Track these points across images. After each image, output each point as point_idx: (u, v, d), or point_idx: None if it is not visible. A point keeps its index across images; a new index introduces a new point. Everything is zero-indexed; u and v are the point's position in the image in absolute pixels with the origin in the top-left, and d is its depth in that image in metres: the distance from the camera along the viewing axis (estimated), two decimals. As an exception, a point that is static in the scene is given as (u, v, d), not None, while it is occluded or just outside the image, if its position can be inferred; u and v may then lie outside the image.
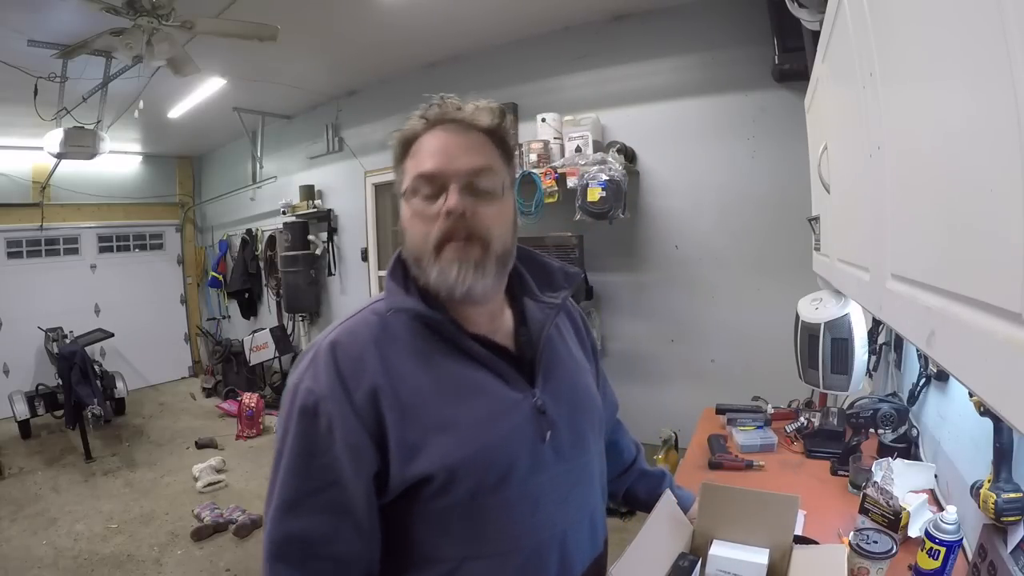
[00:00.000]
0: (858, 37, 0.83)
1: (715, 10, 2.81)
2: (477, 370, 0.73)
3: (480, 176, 0.72)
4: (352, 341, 0.72)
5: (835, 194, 1.21)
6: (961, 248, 0.49)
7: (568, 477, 0.77)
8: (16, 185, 5.28)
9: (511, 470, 0.71)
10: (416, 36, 3.35)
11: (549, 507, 0.74)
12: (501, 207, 0.74)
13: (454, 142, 0.73)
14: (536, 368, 0.77)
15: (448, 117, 0.75)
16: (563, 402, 0.78)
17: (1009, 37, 0.36)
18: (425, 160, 0.73)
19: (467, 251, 0.71)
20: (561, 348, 0.84)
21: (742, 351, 2.86)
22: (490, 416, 0.72)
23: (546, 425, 0.75)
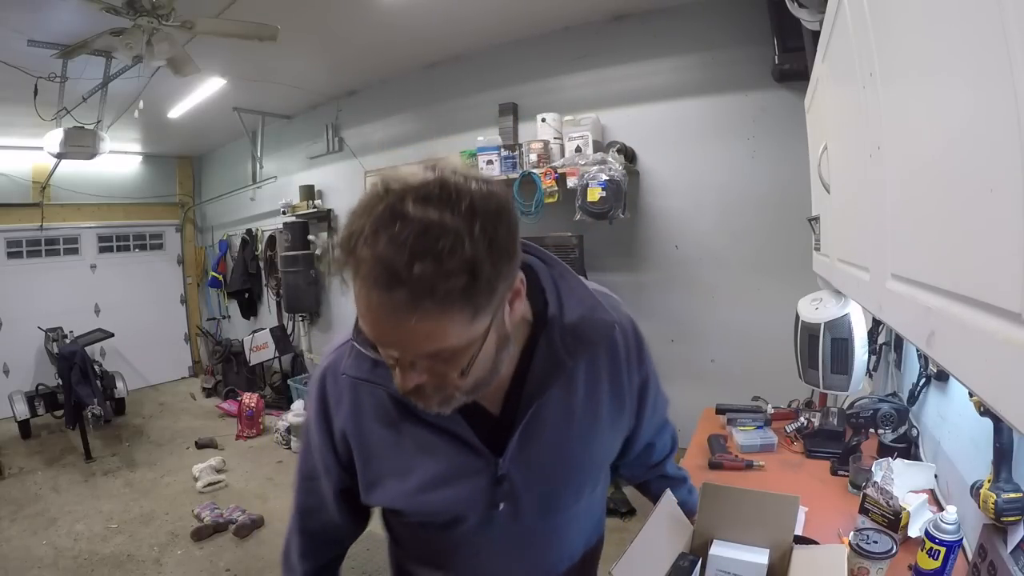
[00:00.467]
0: (858, 37, 0.83)
1: (715, 10, 2.81)
2: (436, 434, 0.70)
3: (436, 356, 0.57)
4: (335, 382, 0.74)
5: (835, 194, 1.21)
6: (961, 248, 0.49)
7: (523, 540, 0.77)
8: (16, 185, 5.28)
9: (456, 523, 0.75)
10: (416, 36, 3.35)
11: (495, 559, 0.78)
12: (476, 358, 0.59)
13: (392, 324, 0.53)
14: (511, 438, 0.71)
15: (374, 276, 0.51)
16: (536, 471, 0.73)
17: (1009, 37, 0.36)
18: (364, 321, 0.57)
19: (430, 401, 0.63)
20: (559, 411, 0.73)
21: (742, 351, 2.86)
22: (440, 478, 0.72)
23: (502, 495, 0.73)
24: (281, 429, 4.31)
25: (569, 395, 0.74)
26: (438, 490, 0.72)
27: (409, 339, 0.54)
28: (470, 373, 0.60)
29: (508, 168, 3.18)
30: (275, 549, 2.82)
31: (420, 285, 0.49)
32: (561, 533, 0.81)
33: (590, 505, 0.85)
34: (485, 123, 3.56)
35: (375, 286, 0.51)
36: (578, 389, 0.75)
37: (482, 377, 0.63)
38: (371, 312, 0.54)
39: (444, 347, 0.56)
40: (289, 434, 4.22)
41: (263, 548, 2.86)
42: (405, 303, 0.50)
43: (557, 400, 0.73)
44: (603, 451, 0.82)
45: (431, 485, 0.72)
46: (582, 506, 0.82)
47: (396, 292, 0.50)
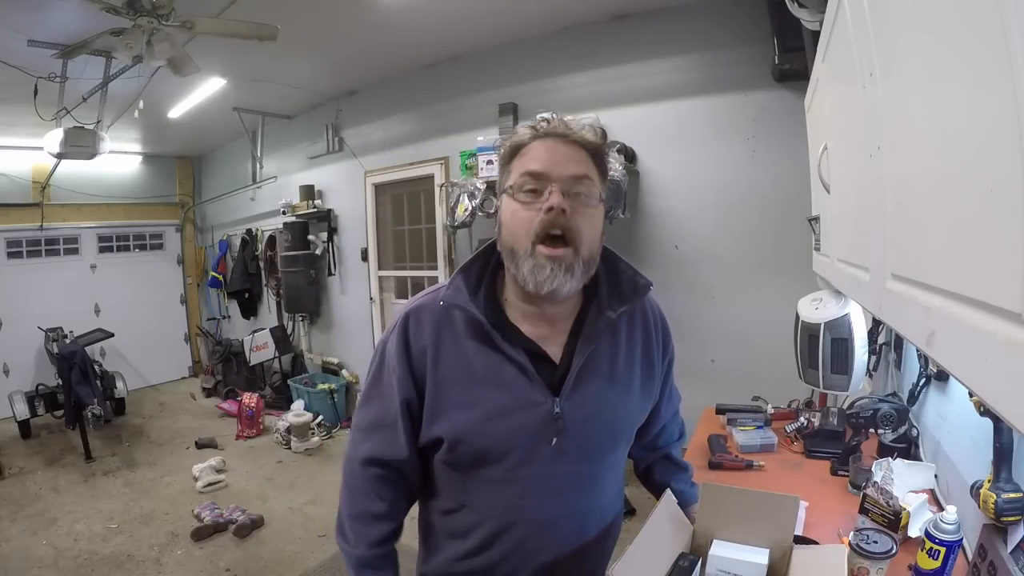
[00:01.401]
0: (858, 37, 0.83)
1: (715, 10, 2.81)
2: (509, 367, 0.83)
3: (580, 183, 0.81)
4: (418, 318, 0.87)
5: (835, 194, 1.21)
6: (961, 248, 0.49)
7: (564, 481, 0.86)
8: (16, 185, 5.28)
9: (506, 456, 0.83)
10: (416, 36, 3.35)
11: (539, 497, 0.86)
12: (594, 214, 0.84)
13: (560, 151, 0.81)
14: (567, 379, 0.84)
15: (557, 131, 0.82)
16: (584, 414, 0.85)
17: (1009, 37, 0.36)
18: (533, 161, 0.81)
19: (560, 257, 0.79)
20: (605, 363, 0.88)
21: (742, 351, 2.86)
22: (504, 408, 0.82)
23: (556, 430, 0.83)
24: (281, 429, 4.31)
25: (614, 348, 0.90)
26: (502, 419, 0.82)
27: (570, 159, 0.81)
28: (586, 232, 0.81)
29: (508, 168, 3.18)
30: (275, 549, 2.84)
31: (578, 136, 0.83)
32: (596, 482, 0.90)
33: (616, 465, 0.94)
34: (485, 123, 3.57)
35: (557, 141, 0.82)
36: (620, 344, 0.90)
37: (590, 249, 0.83)
38: (549, 151, 0.81)
39: (588, 173, 0.82)
40: (289, 434, 4.22)
41: (263, 548, 2.86)
42: (575, 141, 0.83)
43: (605, 350, 0.88)
44: (633, 408, 0.93)
45: (496, 414, 0.82)
46: (613, 460, 0.92)
47: (572, 144, 0.82)
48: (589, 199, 0.82)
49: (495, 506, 0.86)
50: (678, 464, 1.13)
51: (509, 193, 0.83)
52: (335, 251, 4.84)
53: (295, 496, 3.44)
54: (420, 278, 4.33)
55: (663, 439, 1.11)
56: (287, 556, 2.78)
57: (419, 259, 4.32)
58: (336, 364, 4.97)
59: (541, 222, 0.79)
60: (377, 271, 4.56)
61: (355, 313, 4.74)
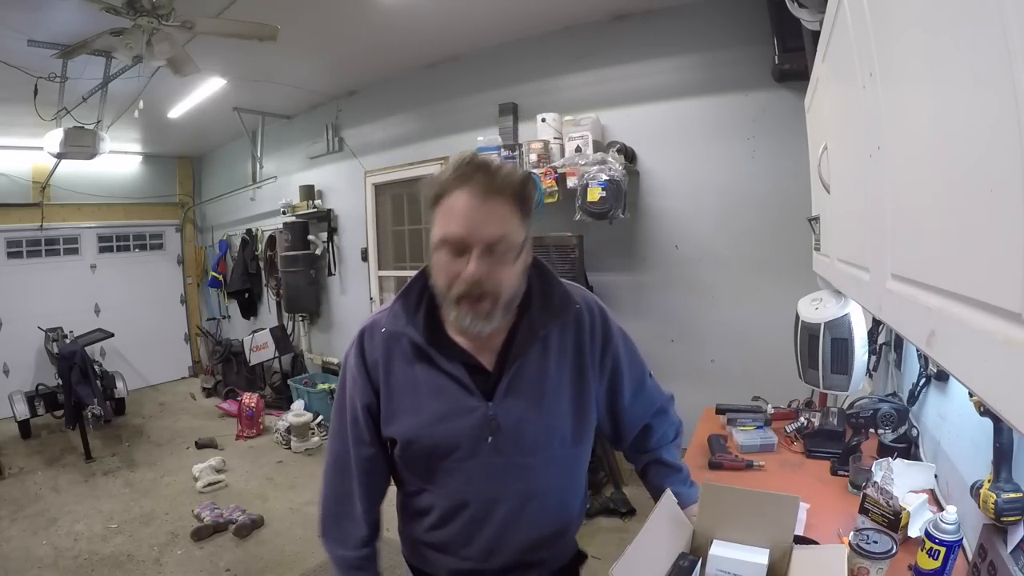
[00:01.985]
0: (858, 37, 0.83)
1: (715, 10, 2.81)
2: (446, 379, 0.95)
3: (499, 244, 0.85)
4: (371, 334, 0.99)
5: (835, 194, 1.21)
6: (961, 248, 0.49)
7: (503, 469, 0.97)
8: (16, 185, 5.28)
9: (453, 451, 0.96)
10: (416, 36, 3.36)
11: (481, 483, 0.97)
12: (515, 267, 0.89)
13: (480, 210, 0.85)
14: (499, 387, 0.95)
15: (478, 180, 0.85)
16: (515, 416, 0.96)
17: (1009, 37, 0.36)
18: (452, 223, 0.85)
19: (479, 307, 0.87)
20: (534, 372, 0.97)
21: (742, 351, 2.86)
22: (444, 415, 0.95)
23: (490, 430, 0.95)
24: (281, 429, 4.31)
25: (544, 358, 0.98)
26: (444, 422, 0.95)
27: (488, 220, 0.84)
28: (506, 285, 0.88)
29: (508, 168, 3.17)
30: (275, 549, 2.84)
31: (500, 184, 0.85)
32: (534, 472, 0.99)
33: (559, 461, 1.01)
34: (485, 123, 3.57)
35: (474, 192, 0.84)
36: (551, 355, 0.98)
37: (511, 294, 0.90)
38: (467, 210, 0.84)
39: (506, 232, 0.85)
40: (289, 434, 4.22)
41: (263, 548, 2.86)
42: (491, 193, 0.84)
43: (534, 361, 0.97)
44: (563, 411, 1.00)
45: (438, 419, 0.95)
46: (554, 455, 1.00)
47: (488, 192, 0.84)
48: (507, 256, 0.87)
49: (446, 489, 0.99)
50: (670, 466, 1.13)
51: (434, 249, 0.89)
52: (335, 251, 4.85)
53: (295, 496, 3.44)
54: (420, 278, 4.32)
55: (652, 441, 1.13)
56: (287, 556, 2.78)
57: (419, 259, 4.32)
58: (336, 364, 4.96)
59: (460, 285, 0.86)
60: (377, 271, 4.56)
61: (355, 313, 4.74)
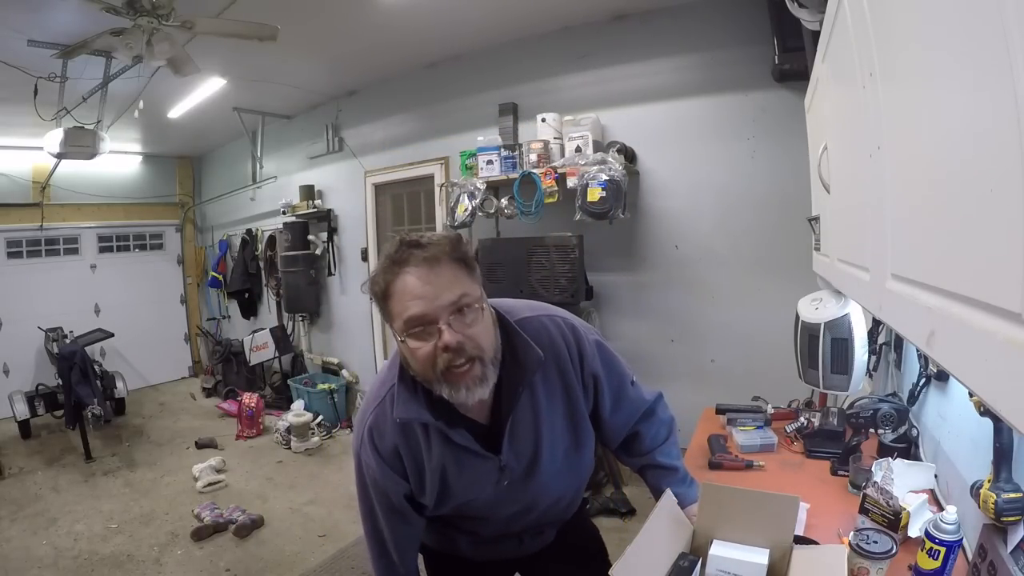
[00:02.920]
0: (858, 37, 0.83)
1: (715, 10, 2.81)
2: (461, 452, 1.00)
3: (462, 302, 0.86)
4: (380, 432, 1.01)
5: (835, 194, 1.21)
6: (961, 248, 0.49)
7: (519, 496, 1.08)
8: (16, 185, 5.28)
9: (476, 502, 1.07)
10: (416, 36, 3.35)
11: (502, 519, 1.12)
12: (484, 321, 0.90)
13: (429, 280, 0.85)
14: (503, 440, 1.01)
15: (414, 256, 0.86)
16: (522, 458, 1.04)
17: (1009, 37, 0.36)
18: (411, 304, 0.85)
19: (471, 374, 0.88)
20: (529, 417, 1.02)
21: (742, 351, 2.86)
22: (470, 481, 1.03)
23: (504, 476, 1.04)
24: (281, 429, 4.31)
25: (533, 401, 1.02)
26: (466, 487, 1.04)
27: (442, 286, 0.85)
28: (485, 343, 0.89)
29: (508, 168, 3.18)
30: (275, 549, 2.84)
31: (442, 251, 0.87)
32: (544, 488, 1.10)
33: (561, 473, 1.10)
34: (485, 123, 3.57)
35: (416, 269, 0.85)
36: (539, 396, 1.03)
37: (493, 349, 0.92)
38: (417, 286, 0.85)
39: (465, 292, 0.86)
40: (289, 434, 4.22)
41: (263, 548, 2.86)
42: (432, 262, 0.86)
43: (526, 408, 1.02)
44: (560, 435, 1.07)
45: (464, 488, 1.04)
46: (559, 470, 1.09)
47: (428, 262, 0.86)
48: (472, 310, 0.88)
49: (474, 516, 1.11)
50: (666, 467, 1.14)
51: (399, 339, 0.89)
52: (335, 251, 4.84)
53: (295, 496, 3.44)
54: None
55: (645, 445, 1.16)
56: (287, 556, 2.78)
57: (419, 259, 4.31)
58: (336, 364, 4.97)
59: (443, 360, 0.86)
60: (377, 271, 4.55)
61: (355, 313, 4.74)
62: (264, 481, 3.68)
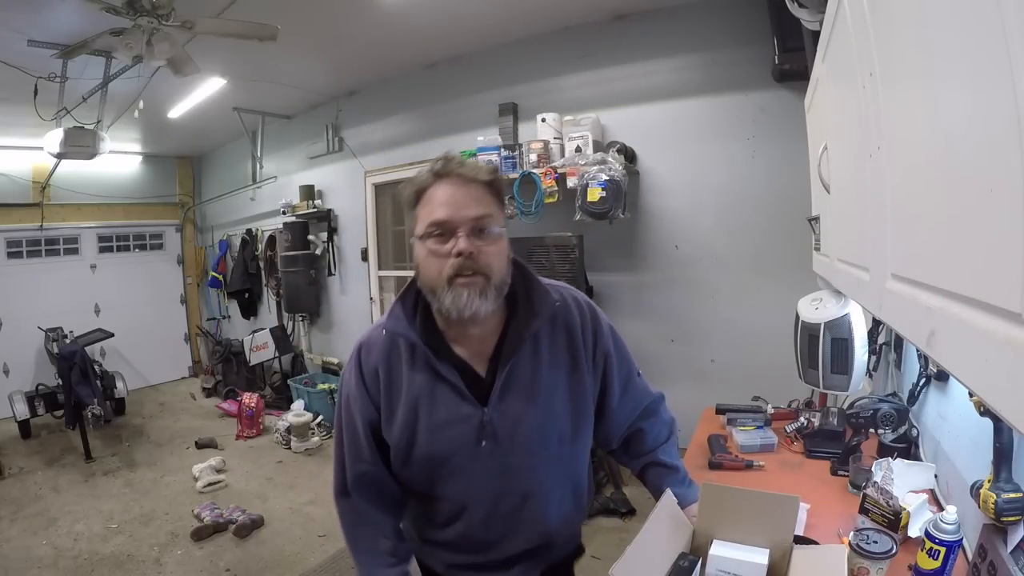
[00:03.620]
0: (858, 37, 0.83)
1: (715, 10, 2.81)
2: (443, 387, 0.97)
3: (483, 222, 0.91)
4: (368, 349, 1.02)
5: (835, 194, 1.21)
6: (961, 248, 0.49)
7: (501, 469, 0.99)
8: (16, 185, 5.28)
9: (450, 458, 0.98)
10: (416, 36, 3.35)
11: (481, 483, 1.00)
12: (499, 244, 0.94)
13: (460, 194, 0.91)
14: (493, 391, 0.97)
15: (454, 171, 0.92)
16: (510, 419, 0.98)
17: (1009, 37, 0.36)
18: (437, 209, 0.91)
19: (474, 283, 0.90)
20: (527, 374, 0.99)
21: (742, 351, 2.86)
22: (442, 421, 0.97)
23: (484, 435, 0.97)
24: (281, 429, 4.31)
25: (536, 358, 1.00)
26: (440, 430, 0.97)
27: (469, 202, 0.91)
28: (495, 266, 0.92)
29: (508, 168, 3.18)
30: (275, 549, 2.84)
31: (473, 174, 0.93)
32: (532, 471, 1.01)
33: (559, 459, 1.03)
34: (485, 123, 3.57)
35: (452, 182, 0.92)
36: (543, 354, 1.00)
37: (501, 276, 0.94)
38: (449, 196, 0.91)
39: (489, 211, 0.92)
40: (289, 434, 4.22)
41: (263, 548, 2.86)
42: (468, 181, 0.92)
43: (526, 361, 0.99)
44: (558, 410, 1.01)
45: (435, 426, 0.97)
46: (553, 454, 1.02)
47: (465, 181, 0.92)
48: (491, 233, 0.92)
49: (446, 494, 1.02)
50: (668, 466, 1.13)
51: (420, 240, 0.93)
52: (335, 251, 4.84)
53: (295, 496, 3.44)
54: (420, 278, 4.33)
55: (647, 443, 1.13)
56: (287, 556, 2.78)
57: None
58: (336, 364, 4.97)
59: (452, 266, 0.90)
60: (377, 271, 4.56)
61: (355, 313, 4.74)
62: (264, 481, 3.68)
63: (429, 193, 0.92)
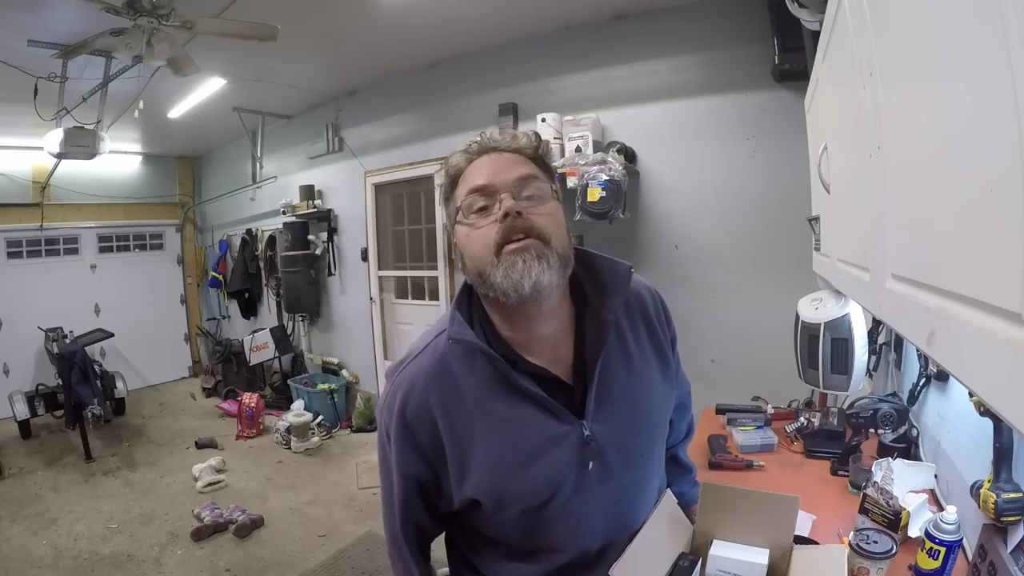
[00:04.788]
0: (858, 37, 0.83)
1: (715, 10, 2.81)
2: (526, 406, 0.77)
3: (528, 184, 0.78)
4: (411, 388, 0.79)
5: (835, 194, 1.21)
6: (961, 248, 0.49)
7: (615, 495, 0.82)
8: (16, 185, 5.28)
9: (554, 495, 0.78)
10: (416, 36, 3.35)
11: (593, 521, 0.82)
12: (552, 209, 0.79)
13: (499, 162, 0.79)
14: (588, 399, 0.79)
15: (490, 146, 0.81)
16: (615, 428, 0.80)
17: (1009, 37, 0.36)
18: (475, 178, 0.78)
19: (528, 247, 0.74)
20: (620, 368, 0.83)
21: (742, 351, 2.86)
22: (534, 453, 0.77)
23: (590, 455, 0.78)
24: (281, 429, 4.31)
25: (623, 347, 0.85)
26: (535, 462, 0.77)
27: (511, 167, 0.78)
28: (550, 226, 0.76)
29: (508, 168, 3.17)
30: (275, 549, 2.84)
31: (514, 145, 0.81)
32: (644, 485, 0.86)
33: (659, 459, 0.91)
34: (485, 123, 3.56)
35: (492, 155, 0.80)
36: (628, 340, 0.86)
37: (562, 242, 0.77)
38: (488, 164, 0.79)
39: (531, 172, 0.79)
40: (289, 434, 4.22)
41: (263, 548, 2.86)
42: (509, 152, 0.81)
43: (615, 354, 0.83)
44: (661, 398, 0.89)
45: (527, 459, 0.77)
46: (655, 457, 0.89)
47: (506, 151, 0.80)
48: (541, 198, 0.78)
49: (555, 542, 0.82)
50: (683, 466, 1.10)
51: (460, 219, 0.79)
52: (335, 251, 4.84)
53: (295, 496, 3.44)
54: (420, 278, 4.33)
55: (671, 438, 1.06)
56: (287, 556, 2.78)
57: (419, 259, 4.32)
58: (336, 364, 4.97)
59: (500, 231, 0.74)
60: (377, 271, 4.56)
61: (355, 313, 4.74)
62: (264, 481, 3.68)
63: (470, 168, 0.80)
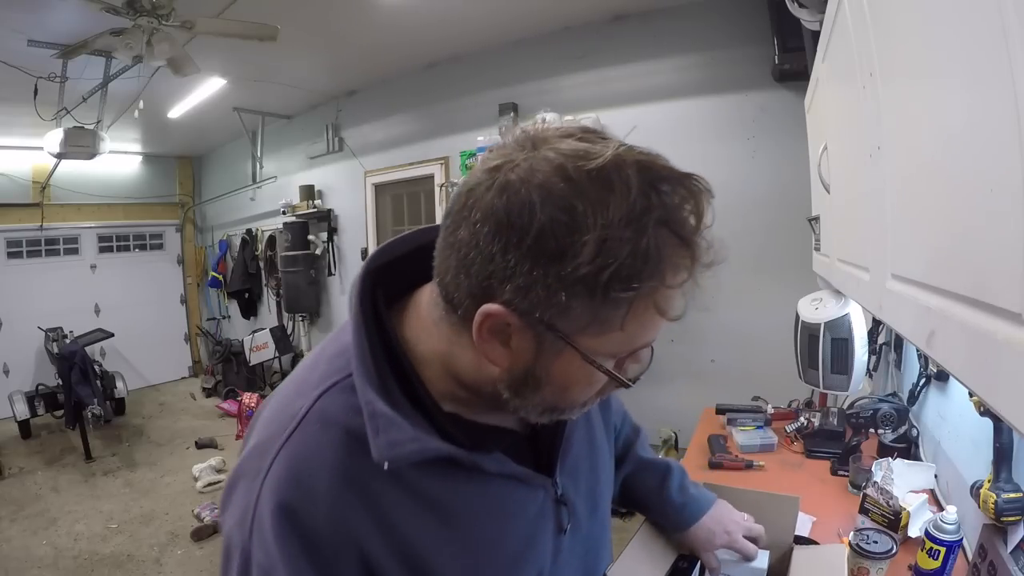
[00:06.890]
0: (858, 37, 0.83)
1: (715, 10, 2.81)
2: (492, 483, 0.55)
3: None
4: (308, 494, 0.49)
5: (835, 194, 1.21)
6: (961, 248, 0.49)
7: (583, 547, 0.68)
8: (16, 185, 5.28)
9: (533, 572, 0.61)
10: (416, 36, 3.35)
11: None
12: None
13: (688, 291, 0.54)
14: (556, 452, 0.61)
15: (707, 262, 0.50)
16: (582, 477, 0.66)
17: (1009, 37, 0.36)
18: (673, 309, 0.52)
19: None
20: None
21: (742, 351, 2.86)
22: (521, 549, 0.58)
23: (566, 515, 0.63)
24: (281, 429, 4.31)
25: None
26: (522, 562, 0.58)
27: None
28: None
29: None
30: (275, 549, 2.84)
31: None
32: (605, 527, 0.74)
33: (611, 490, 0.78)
34: (485, 123, 3.56)
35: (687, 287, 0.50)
36: None
37: None
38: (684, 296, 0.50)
39: None
40: (289, 434, 4.22)
41: (263, 548, 2.86)
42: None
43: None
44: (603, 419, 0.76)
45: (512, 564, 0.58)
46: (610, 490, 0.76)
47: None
48: None
49: None
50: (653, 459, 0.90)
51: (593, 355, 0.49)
52: (335, 251, 4.84)
53: (295, 496, 3.44)
54: (420, 278, 4.33)
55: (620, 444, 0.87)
56: (287, 556, 2.78)
57: (419, 259, 4.31)
58: (336, 364, 4.96)
59: (599, 392, 0.53)
60: (377, 271, 4.55)
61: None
62: (264, 481, 3.68)
63: (663, 297, 0.50)
